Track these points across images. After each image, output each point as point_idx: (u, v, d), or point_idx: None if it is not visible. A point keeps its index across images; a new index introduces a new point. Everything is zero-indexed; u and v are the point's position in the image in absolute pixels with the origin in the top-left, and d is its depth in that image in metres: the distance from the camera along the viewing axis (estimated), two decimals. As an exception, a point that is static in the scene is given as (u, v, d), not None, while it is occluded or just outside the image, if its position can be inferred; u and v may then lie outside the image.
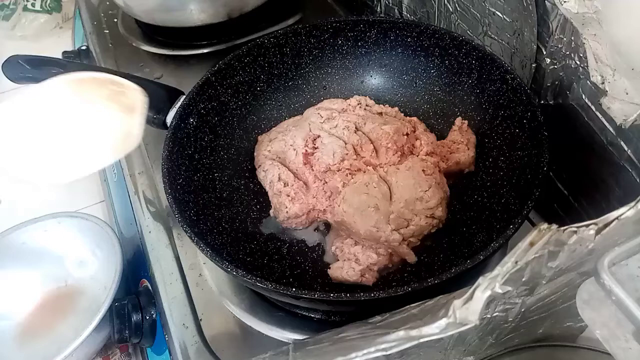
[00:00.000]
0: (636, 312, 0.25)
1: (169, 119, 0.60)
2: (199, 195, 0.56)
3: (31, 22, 1.35)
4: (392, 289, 0.41)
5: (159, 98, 0.62)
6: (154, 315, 0.60)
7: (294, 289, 0.42)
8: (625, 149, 0.47)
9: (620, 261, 0.27)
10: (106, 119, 0.48)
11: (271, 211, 0.58)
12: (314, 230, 0.57)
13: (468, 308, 0.27)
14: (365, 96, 0.66)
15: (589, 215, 0.55)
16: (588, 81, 0.48)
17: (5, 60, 0.67)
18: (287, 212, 0.55)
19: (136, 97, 0.48)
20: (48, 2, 1.37)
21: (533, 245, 0.27)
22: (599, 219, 0.28)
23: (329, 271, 0.51)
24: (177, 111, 0.58)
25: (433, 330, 0.28)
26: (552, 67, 0.53)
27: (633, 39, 0.40)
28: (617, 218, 0.27)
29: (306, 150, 0.58)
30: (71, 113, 0.47)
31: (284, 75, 0.67)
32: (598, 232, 0.27)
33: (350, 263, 0.50)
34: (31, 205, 0.85)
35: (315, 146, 0.58)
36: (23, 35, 1.35)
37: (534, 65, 0.55)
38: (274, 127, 0.66)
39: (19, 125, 0.45)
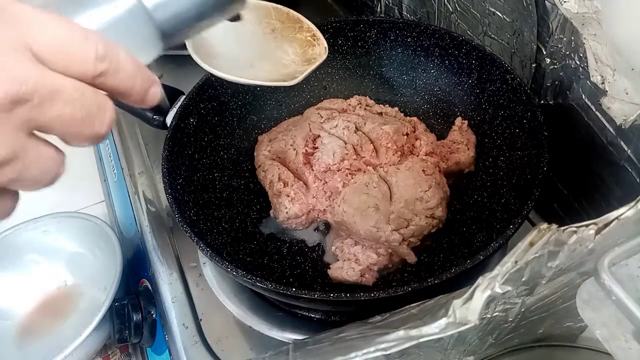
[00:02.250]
0: (636, 312, 0.25)
1: (169, 118, 0.60)
2: (199, 195, 0.56)
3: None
4: (392, 289, 0.41)
5: (159, 98, 0.62)
6: (154, 315, 0.60)
7: (294, 289, 0.42)
8: (625, 149, 0.47)
9: (620, 261, 0.27)
10: (283, 52, 0.51)
11: (271, 211, 0.58)
12: (314, 230, 0.57)
13: (468, 308, 0.27)
14: (365, 96, 0.66)
15: (589, 215, 0.55)
16: (588, 81, 0.48)
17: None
18: (287, 212, 0.55)
19: (319, 54, 0.50)
20: (48, 2, 1.37)
21: (533, 245, 0.27)
22: (599, 219, 0.28)
23: (329, 271, 0.51)
24: (177, 111, 0.58)
25: (433, 330, 0.28)
26: (552, 67, 0.53)
27: (633, 39, 0.40)
28: (617, 218, 0.27)
29: (306, 150, 0.58)
30: (260, 31, 0.50)
31: (284, 75, 0.67)
32: (598, 232, 0.27)
33: (350, 263, 0.50)
34: (31, 205, 0.85)
35: (315, 146, 0.58)
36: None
37: (534, 65, 0.55)
38: (274, 127, 0.66)
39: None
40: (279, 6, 0.50)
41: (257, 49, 0.50)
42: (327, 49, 0.50)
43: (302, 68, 0.50)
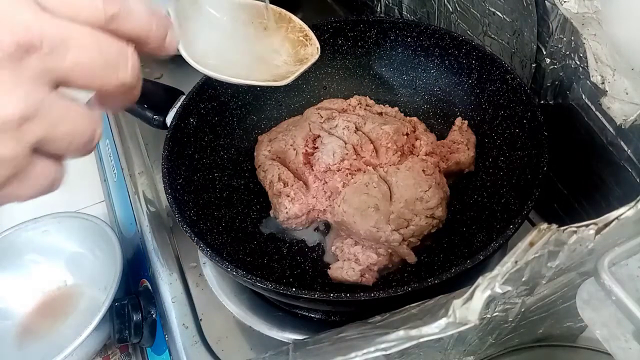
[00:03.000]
0: (636, 312, 0.25)
1: (169, 119, 0.60)
2: (199, 195, 0.56)
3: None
4: (392, 289, 0.41)
5: (159, 98, 0.62)
6: (154, 315, 0.60)
7: (294, 289, 0.42)
8: (625, 149, 0.47)
9: (620, 261, 0.27)
10: (275, 52, 0.50)
11: (271, 211, 0.58)
12: (314, 230, 0.57)
13: (468, 308, 0.27)
14: (365, 96, 0.66)
15: (589, 215, 0.55)
16: (588, 81, 0.48)
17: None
18: (287, 212, 0.55)
19: (312, 54, 0.50)
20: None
21: (533, 245, 0.27)
22: (599, 219, 0.28)
23: (329, 271, 0.51)
24: (177, 111, 0.58)
25: (433, 330, 0.28)
26: (552, 67, 0.53)
27: (633, 39, 0.39)
28: (617, 218, 0.27)
29: (306, 150, 0.58)
30: (252, 30, 0.50)
31: (284, 75, 0.67)
32: (598, 232, 0.27)
33: (350, 263, 0.50)
34: (31, 205, 0.85)
35: (315, 146, 0.58)
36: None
37: (534, 65, 0.55)
38: (274, 127, 0.66)
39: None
40: (271, 5, 0.50)
41: (250, 49, 0.50)
42: (319, 49, 0.50)
43: (294, 68, 0.49)
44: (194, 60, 0.44)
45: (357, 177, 0.55)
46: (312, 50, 0.50)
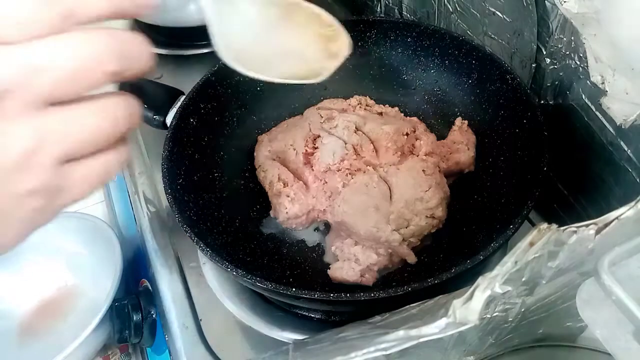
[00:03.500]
0: (636, 312, 0.25)
1: (169, 119, 0.60)
2: (199, 195, 0.56)
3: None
4: (392, 289, 0.41)
5: (159, 98, 0.62)
6: (154, 315, 0.60)
7: (294, 289, 0.42)
8: (625, 149, 0.47)
9: (620, 261, 0.27)
10: (307, 47, 0.50)
11: (271, 211, 0.58)
12: (314, 230, 0.57)
13: (468, 308, 0.27)
14: (365, 96, 0.66)
15: (589, 215, 0.55)
16: (588, 81, 0.48)
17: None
18: (286, 212, 0.55)
19: (342, 46, 0.49)
20: (48, 2, 1.37)
21: (533, 245, 0.27)
22: (599, 219, 0.28)
23: (329, 271, 0.51)
24: (177, 111, 0.58)
25: (433, 330, 0.28)
26: (552, 67, 0.53)
27: (633, 39, 0.39)
28: (617, 218, 0.27)
29: (306, 150, 0.58)
30: (284, 26, 0.49)
31: (284, 75, 0.67)
32: (598, 232, 0.27)
33: (350, 263, 0.50)
34: (31, 205, 0.85)
35: (315, 146, 0.58)
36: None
37: (534, 65, 0.55)
38: (274, 127, 0.65)
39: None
40: (302, 1, 0.49)
41: (283, 45, 0.49)
42: (350, 43, 0.49)
43: (327, 64, 0.49)
44: (235, 60, 0.45)
45: (357, 177, 0.55)
46: (342, 44, 0.50)
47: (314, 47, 0.50)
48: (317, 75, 0.48)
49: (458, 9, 0.65)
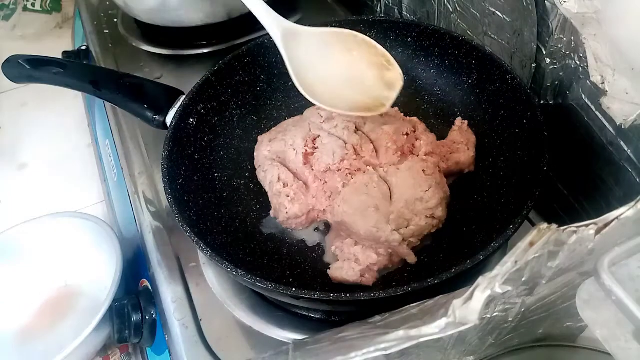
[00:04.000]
0: (636, 312, 0.25)
1: (169, 119, 0.60)
2: (199, 195, 0.56)
3: (31, 22, 1.35)
4: (392, 289, 0.41)
5: (159, 98, 0.62)
6: (154, 315, 0.60)
7: (294, 289, 0.42)
8: (625, 149, 0.47)
9: (620, 261, 0.27)
10: (363, 78, 0.55)
11: (271, 211, 0.58)
12: (314, 230, 0.57)
13: (468, 308, 0.27)
14: (365, 96, 0.66)
15: (589, 215, 0.55)
16: (588, 81, 0.48)
17: (5, 60, 0.67)
18: (286, 212, 0.55)
19: (397, 77, 0.54)
20: (48, 2, 1.37)
21: (533, 245, 0.27)
22: (599, 219, 0.28)
23: (329, 271, 0.51)
24: (177, 111, 0.58)
25: (433, 330, 0.28)
26: (552, 67, 0.53)
27: (633, 39, 0.40)
28: (617, 218, 0.27)
29: (306, 150, 0.58)
30: (347, 61, 0.55)
31: (284, 75, 0.67)
32: (598, 232, 0.27)
33: (350, 263, 0.50)
34: (31, 205, 0.85)
35: (315, 146, 0.58)
36: (23, 35, 1.35)
37: (534, 65, 0.55)
38: (274, 127, 0.65)
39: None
40: (357, 33, 0.54)
41: (345, 74, 0.54)
42: (401, 74, 0.53)
43: (385, 93, 0.54)
44: (311, 95, 0.51)
45: (357, 177, 0.55)
46: (395, 74, 0.54)
47: (371, 75, 0.54)
48: (381, 106, 0.54)
49: (458, 9, 0.65)
